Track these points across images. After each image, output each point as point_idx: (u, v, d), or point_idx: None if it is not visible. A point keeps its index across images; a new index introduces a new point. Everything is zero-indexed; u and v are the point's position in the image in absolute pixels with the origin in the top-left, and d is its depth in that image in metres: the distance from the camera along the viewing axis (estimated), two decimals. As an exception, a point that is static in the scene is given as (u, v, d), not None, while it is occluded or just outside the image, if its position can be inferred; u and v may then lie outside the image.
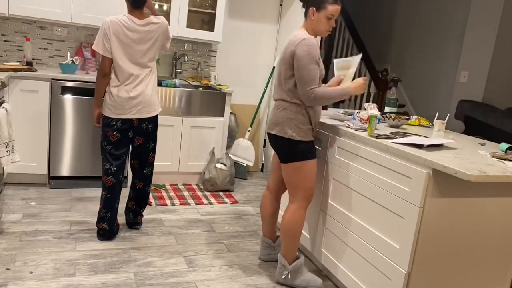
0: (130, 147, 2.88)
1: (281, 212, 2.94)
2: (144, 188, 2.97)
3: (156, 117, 2.86)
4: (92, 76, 3.60)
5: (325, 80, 3.12)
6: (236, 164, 4.39)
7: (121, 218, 3.09)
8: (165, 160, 3.89)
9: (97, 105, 2.80)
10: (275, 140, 2.36)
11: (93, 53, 3.97)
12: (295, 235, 2.40)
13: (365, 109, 2.68)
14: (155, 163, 3.85)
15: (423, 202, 1.87)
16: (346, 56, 6.23)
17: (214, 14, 4.08)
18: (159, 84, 3.88)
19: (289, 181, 2.38)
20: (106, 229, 2.79)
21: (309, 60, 2.20)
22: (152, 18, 2.72)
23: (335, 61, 2.53)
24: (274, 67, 4.62)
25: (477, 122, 4.00)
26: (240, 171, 4.44)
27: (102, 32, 2.65)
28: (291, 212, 2.39)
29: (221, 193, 3.95)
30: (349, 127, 2.45)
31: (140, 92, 2.71)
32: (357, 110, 2.85)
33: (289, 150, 2.31)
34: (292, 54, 2.25)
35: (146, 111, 2.75)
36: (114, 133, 2.73)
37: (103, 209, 2.77)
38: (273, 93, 2.39)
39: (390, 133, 2.38)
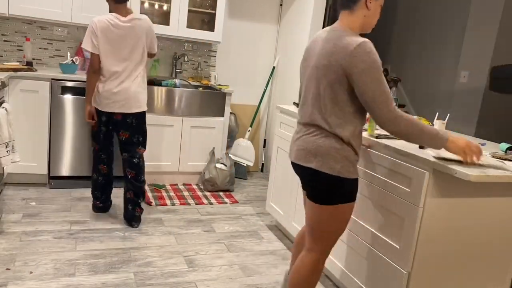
0: (117, 141, 3.03)
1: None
2: (137, 177, 3.01)
3: (141, 113, 2.95)
4: (92, 76, 3.60)
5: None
6: (236, 164, 4.39)
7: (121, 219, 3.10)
8: (165, 160, 3.89)
9: (89, 102, 2.93)
10: (312, 176, 1.79)
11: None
12: None
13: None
14: (155, 163, 3.86)
15: (423, 202, 1.87)
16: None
17: (214, 14, 4.08)
18: (159, 84, 3.88)
19: (317, 226, 1.86)
20: (100, 206, 3.18)
21: (377, 72, 1.64)
22: (136, 14, 2.86)
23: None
24: (274, 67, 4.62)
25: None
26: (240, 171, 4.44)
27: (90, 30, 2.78)
28: (310, 264, 1.89)
29: (221, 193, 3.95)
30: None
31: (124, 88, 2.83)
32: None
33: (332, 189, 1.78)
34: (344, 65, 1.66)
35: (128, 106, 2.86)
36: (101, 126, 2.97)
37: (95, 192, 3.14)
38: (300, 114, 1.89)
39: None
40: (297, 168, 1.88)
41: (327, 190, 1.78)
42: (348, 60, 1.65)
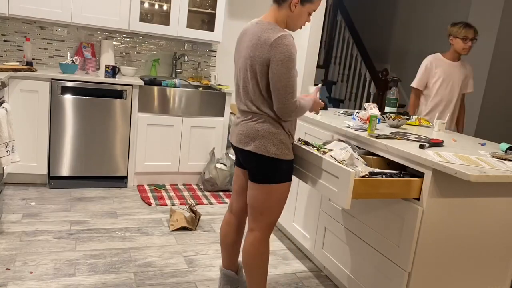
0: None
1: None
2: None
3: None
4: (91, 76, 3.60)
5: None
6: (236, 164, 4.39)
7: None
8: (165, 160, 3.89)
9: None
10: (249, 158, 1.94)
11: (93, 53, 3.97)
12: (263, 271, 2.04)
13: (365, 109, 2.68)
14: (155, 163, 3.87)
15: (423, 202, 1.87)
16: (345, 55, 6.23)
17: (214, 14, 4.08)
18: (159, 84, 3.88)
19: (256, 204, 1.98)
20: None
21: (292, 64, 1.81)
22: None
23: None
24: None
25: None
26: (240, 171, 4.44)
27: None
28: (255, 244, 2.01)
29: (221, 193, 3.95)
30: (349, 127, 2.44)
31: None
32: (357, 110, 2.85)
33: (268, 171, 1.92)
34: (265, 54, 1.82)
35: None
36: None
37: None
38: (237, 102, 2.03)
39: (390, 133, 2.38)
40: (237, 150, 2.02)
41: (265, 170, 1.92)
42: (268, 50, 1.80)
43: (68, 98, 3.48)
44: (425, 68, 3.35)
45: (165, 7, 4.08)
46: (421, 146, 2.05)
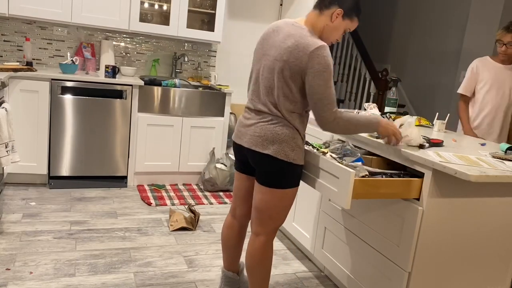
0: None
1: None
2: None
3: None
4: (91, 76, 3.60)
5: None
6: (236, 164, 4.38)
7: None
8: (165, 160, 3.89)
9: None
10: (265, 161, 1.88)
11: (93, 53, 3.97)
12: (267, 275, 2.04)
13: (365, 109, 2.68)
14: (155, 163, 3.87)
15: (423, 202, 1.87)
16: (345, 55, 6.24)
17: (214, 14, 4.08)
18: (159, 84, 3.88)
19: (266, 209, 1.95)
20: None
21: (328, 75, 1.77)
22: None
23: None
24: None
25: None
26: (240, 171, 4.44)
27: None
28: (260, 249, 1.99)
29: (221, 193, 3.95)
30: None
31: None
32: (357, 110, 2.85)
33: (285, 175, 1.89)
34: (301, 63, 1.78)
35: None
36: None
37: None
38: (252, 101, 1.96)
39: (390, 133, 2.37)
40: (248, 153, 1.94)
41: (280, 175, 1.89)
42: (306, 60, 1.77)
43: (68, 98, 3.48)
44: (471, 72, 3.08)
45: (165, 7, 4.08)
46: (421, 146, 2.05)
